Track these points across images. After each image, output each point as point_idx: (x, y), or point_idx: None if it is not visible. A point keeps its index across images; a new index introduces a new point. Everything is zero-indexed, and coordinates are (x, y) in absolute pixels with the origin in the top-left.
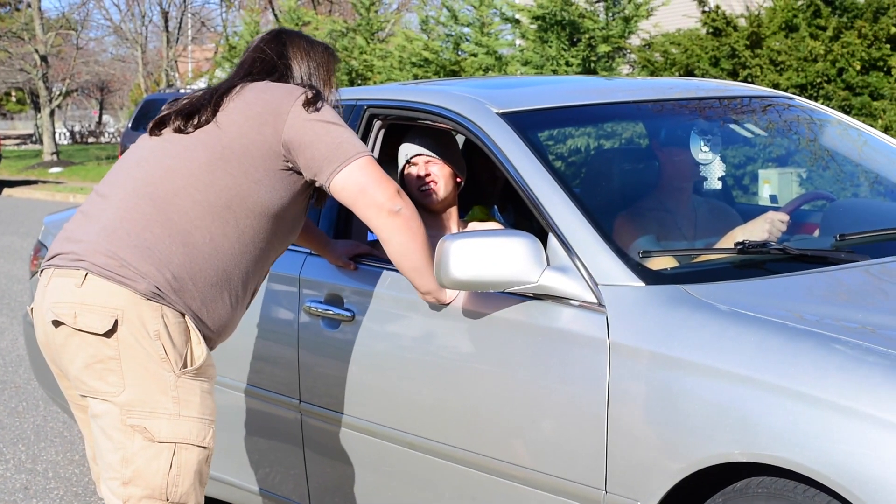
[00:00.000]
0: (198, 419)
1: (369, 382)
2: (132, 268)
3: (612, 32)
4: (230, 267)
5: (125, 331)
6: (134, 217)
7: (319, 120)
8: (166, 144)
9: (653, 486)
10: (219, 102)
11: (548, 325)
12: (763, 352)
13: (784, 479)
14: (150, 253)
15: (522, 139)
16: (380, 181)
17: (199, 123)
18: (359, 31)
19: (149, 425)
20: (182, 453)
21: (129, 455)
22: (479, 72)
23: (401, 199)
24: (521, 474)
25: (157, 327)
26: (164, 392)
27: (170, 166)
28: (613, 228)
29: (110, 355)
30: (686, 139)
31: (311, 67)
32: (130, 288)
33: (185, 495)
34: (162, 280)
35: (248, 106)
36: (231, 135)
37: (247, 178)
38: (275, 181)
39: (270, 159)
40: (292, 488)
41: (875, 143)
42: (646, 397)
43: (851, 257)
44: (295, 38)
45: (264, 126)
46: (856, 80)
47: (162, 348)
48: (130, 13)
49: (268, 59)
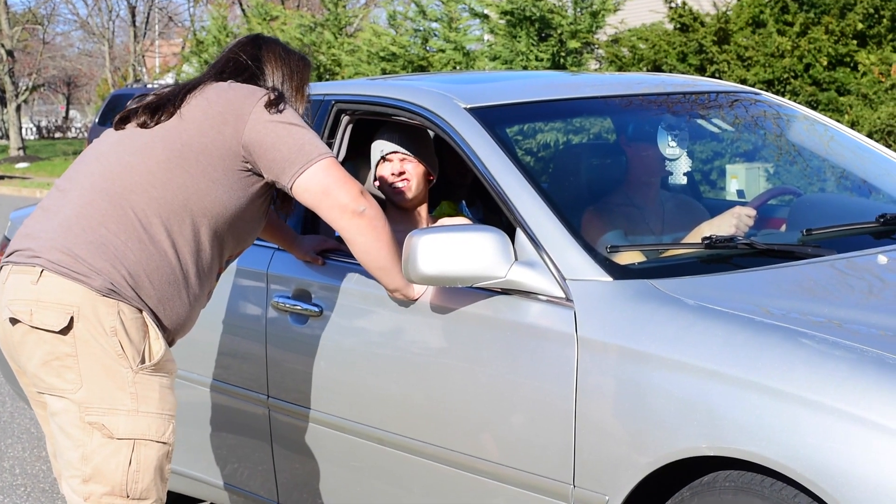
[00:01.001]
0: (157, 415)
1: (338, 378)
2: (87, 264)
3: (581, 27)
4: (187, 265)
5: (81, 327)
6: (90, 213)
7: (281, 121)
8: (127, 140)
9: (621, 481)
10: (183, 99)
11: (516, 319)
12: (730, 346)
13: (751, 473)
14: (104, 249)
15: (490, 134)
16: (343, 182)
17: (160, 119)
18: (327, 25)
19: (107, 422)
20: (141, 449)
21: (88, 452)
22: (447, 67)
23: (365, 199)
24: (490, 469)
25: (114, 324)
26: (121, 388)
27: (128, 162)
28: (581, 223)
29: (67, 352)
30: (654, 134)
31: (285, 74)
32: (85, 284)
33: (145, 491)
34: (117, 276)
35: (210, 104)
36: (191, 132)
37: (204, 177)
38: (233, 181)
39: (229, 159)
40: (261, 484)
41: (842, 138)
42: (614, 392)
43: (818, 252)
44: (271, 44)
45: (224, 126)
46: (823, 75)
47: (118, 344)
48: (97, 8)
49: (241, 61)
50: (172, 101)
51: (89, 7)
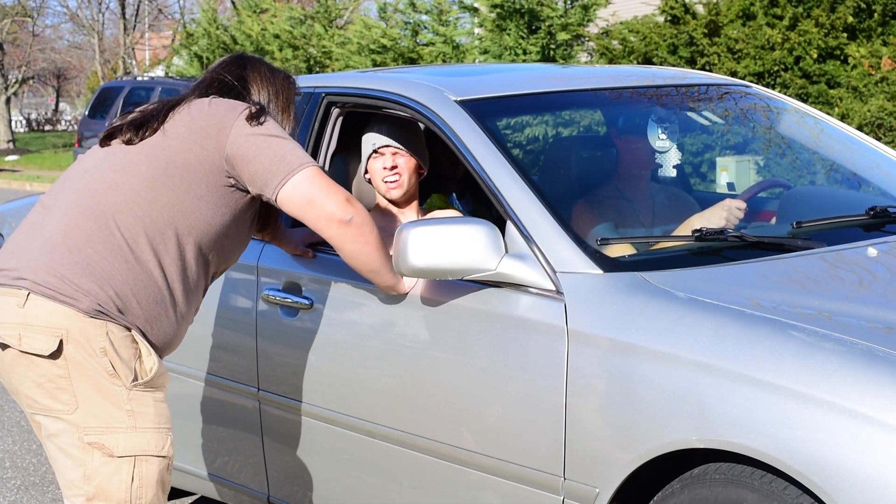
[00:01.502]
0: (154, 430)
1: (328, 370)
2: (73, 285)
3: (571, 20)
4: (174, 284)
5: (72, 349)
6: (76, 233)
7: (262, 134)
8: (112, 157)
9: (611, 473)
10: (167, 115)
11: (506, 312)
12: (720, 339)
13: (741, 465)
14: (91, 270)
15: (481, 127)
16: (328, 191)
17: (145, 135)
18: (317, 18)
19: (106, 441)
20: (143, 465)
21: (89, 472)
22: (437, 60)
23: (351, 206)
24: (480, 462)
25: (103, 344)
26: (117, 406)
27: (113, 181)
28: (571, 216)
29: (59, 374)
30: (644, 127)
31: (270, 94)
32: (73, 307)
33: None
34: (104, 297)
35: (193, 120)
36: (174, 148)
37: (189, 193)
38: (217, 197)
39: (213, 174)
40: (251, 476)
41: (832, 130)
42: (604, 384)
43: (808, 244)
44: (256, 63)
45: (207, 140)
46: (813, 68)
47: (110, 364)
48: (87, 0)
49: (227, 81)
50: (156, 117)
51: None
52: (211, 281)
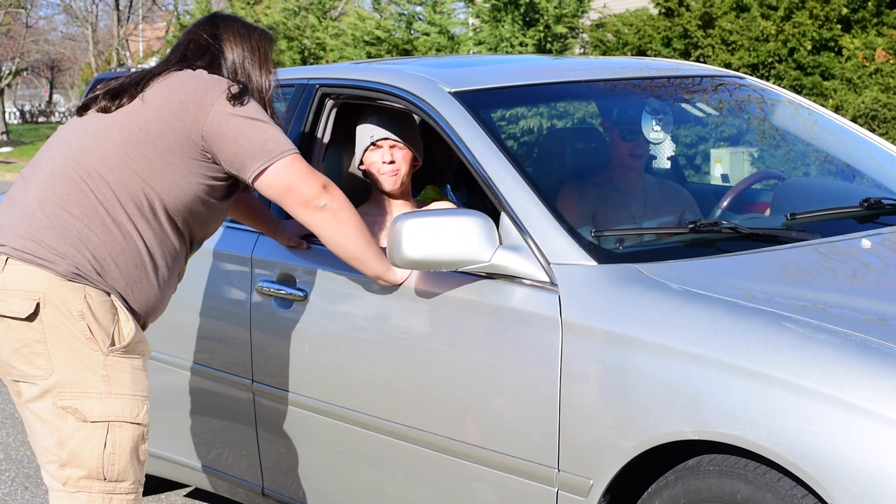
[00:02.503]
0: (129, 396)
1: (322, 362)
2: (50, 249)
3: (566, 12)
4: (153, 248)
5: (48, 313)
6: (51, 198)
7: (244, 115)
8: (86, 124)
9: (605, 465)
10: (145, 85)
11: (500, 304)
12: (714, 330)
13: (735, 457)
14: (67, 233)
15: (475, 118)
16: (305, 178)
17: (121, 103)
18: (311, 9)
19: (80, 406)
20: (116, 431)
21: (63, 437)
22: (431, 51)
23: (327, 193)
24: (475, 453)
25: (81, 307)
26: (93, 371)
27: (87, 146)
28: (565, 207)
29: (36, 339)
30: (638, 119)
31: (246, 50)
32: (50, 270)
33: (122, 473)
34: (82, 260)
35: (172, 91)
36: (149, 116)
37: (162, 160)
38: (192, 167)
39: (187, 146)
40: (246, 468)
41: (826, 122)
42: (598, 376)
43: (802, 236)
44: (230, 21)
45: (185, 114)
46: (807, 59)
47: (87, 328)
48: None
49: (202, 41)
50: (133, 86)
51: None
52: (194, 249)
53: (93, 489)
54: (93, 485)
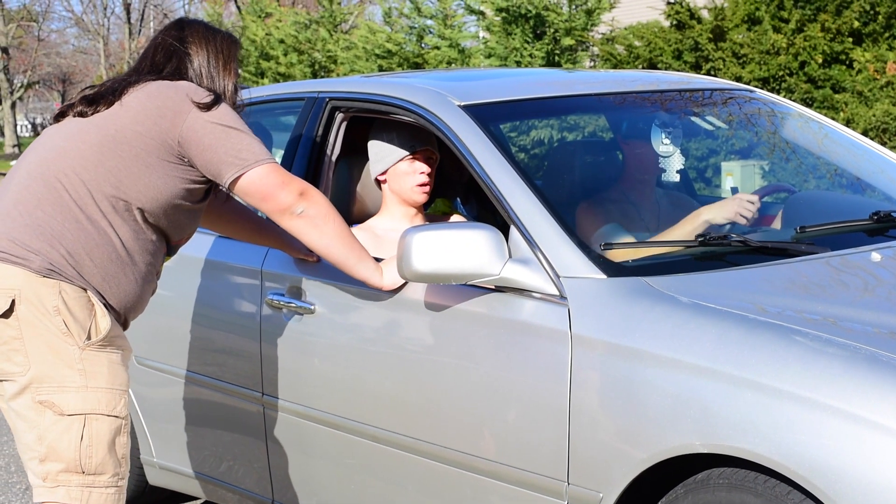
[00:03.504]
0: (107, 389)
1: (332, 375)
2: (24, 246)
3: (575, 25)
4: (129, 244)
5: (24, 309)
6: (26, 197)
7: (220, 123)
8: (63, 128)
9: (615, 478)
10: (122, 92)
11: (510, 317)
12: (724, 343)
13: (745, 470)
14: (41, 230)
15: (484, 132)
16: (281, 186)
17: (98, 109)
18: (322, 22)
19: (57, 399)
20: (93, 424)
21: (41, 431)
22: (442, 64)
23: (304, 199)
24: (484, 466)
25: (56, 303)
26: (69, 366)
27: (62, 147)
28: (575, 221)
29: (12, 335)
30: (648, 131)
31: (210, 53)
32: (24, 267)
33: (100, 465)
34: (56, 256)
35: (149, 98)
36: (125, 120)
37: (137, 161)
38: (168, 169)
39: (163, 150)
40: (255, 481)
41: (836, 135)
42: (607, 389)
43: (812, 249)
44: (195, 25)
45: (161, 119)
46: (818, 73)
47: (63, 323)
48: (92, 5)
49: (169, 46)
50: (112, 93)
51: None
52: (171, 252)
53: (71, 483)
54: (71, 478)
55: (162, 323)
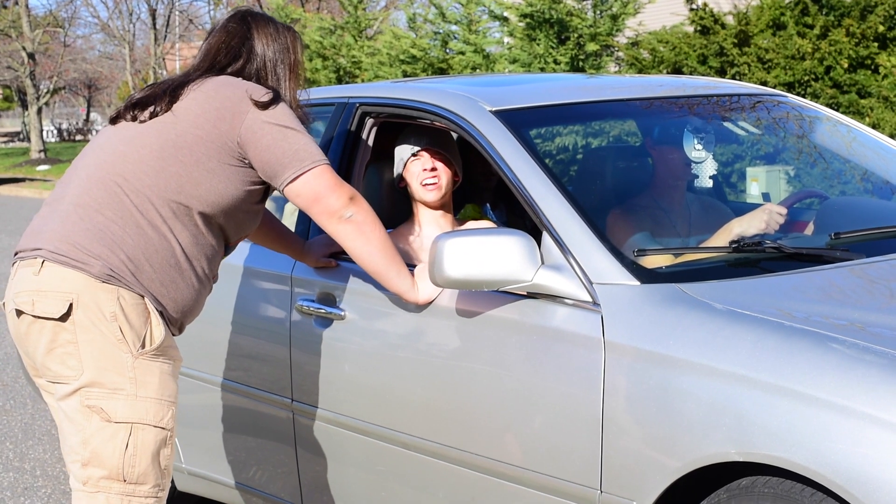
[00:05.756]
0: (155, 400)
1: (362, 381)
2: (85, 250)
3: (600, 30)
4: (189, 249)
5: (81, 314)
6: (87, 202)
7: (277, 123)
8: (122, 132)
9: (648, 486)
10: (179, 93)
11: (542, 323)
12: (759, 350)
13: (791, 482)
14: (102, 235)
15: (516, 137)
16: (334, 188)
17: (154, 112)
18: (347, 28)
19: (105, 406)
20: (139, 433)
21: (87, 436)
22: (467, 70)
23: (353, 205)
24: (516, 474)
25: (113, 309)
26: (120, 373)
27: (122, 152)
28: (607, 226)
29: (68, 339)
30: (679, 137)
31: (276, 51)
32: (84, 271)
33: (142, 476)
34: (116, 261)
35: (208, 99)
36: (185, 125)
37: (199, 166)
38: (229, 172)
39: (224, 153)
40: (285, 487)
41: (865, 139)
42: (641, 396)
43: (847, 256)
44: (261, 20)
45: (220, 122)
46: (843, 78)
47: (118, 329)
48: (118, 10)
49: (233, 42)
50: (165, 95)
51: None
52: (228, 251)
53: (112, 490)
54: (112, 485)
55: (191, 329)
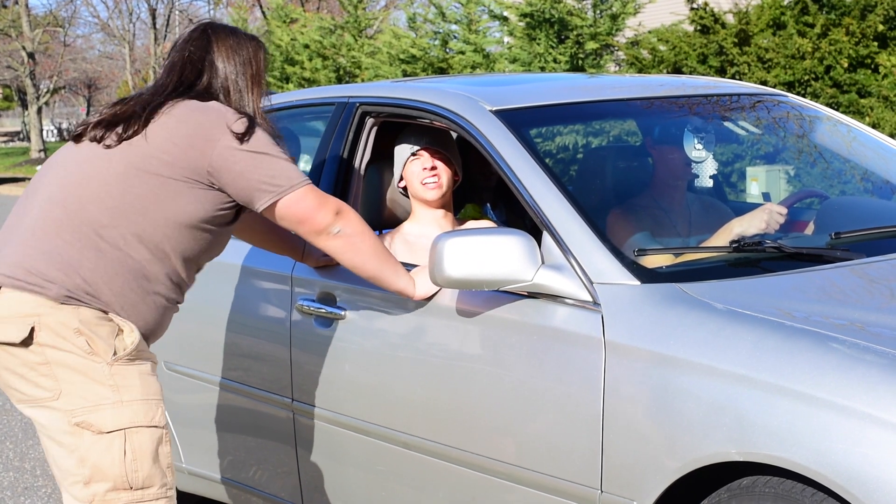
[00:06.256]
0: (141, 401)
1: (362, 381)
2: (41, 275)
3: (600, 30)
4: (151, 272)
5: (45, 336)
6: (45, 224)
7: (250, 150)
8: (86, 152)
9: (649, 486)
10: (148, 116)
11: (542, 323)
12: (759, 350)
13: (792, 481)
14: (59, 259)
15: (516, 137)
16: (317, 208)
17: (122, 135)
18: (347, 28)
19: (93, 419)
20: (133, 437)
21: (82, 454)
22: (467, 69)
23: (340, 219)
24: (516, 473)
25: (76, 325)
26: (100, 383)
27: (85, 172)
28: (607, 226)
29: (37, 361)
30: (679, 136)
31: (238, 63)
32: (41, 295)
33: (147, 479)
34: (72, 284)
35: (178, 125)
36: (153, 148)
37: (164, 189)
38: (197, 195)
39: (192, 178)
40: (285, 487)
41: (864, 138)
42: (641, 396)
43: (847, 255)
44: (221, 32)
45: (191, 149)
46: (843, 77)
47: (86, 343)
48: (118, 10)
49: (195, 59)
50: (136, 117)
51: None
52: (197, 271)
53: (120, 500)
54: (120, 496)
55: (192, 329)
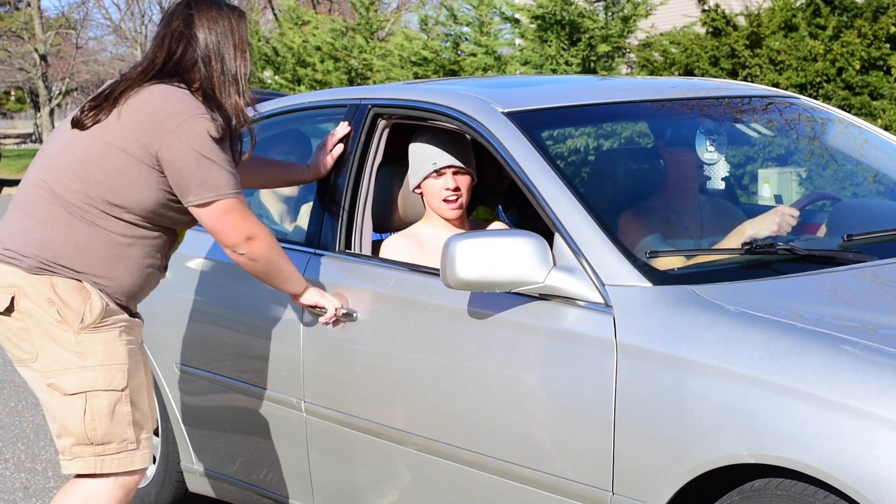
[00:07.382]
0: (103, 367)
1: (374, 383)
2: (16, 250)
3: (612, 32)
4: (124, 241)
5: (24, 303)
6: (23, 204)
7: (195, 149)
8: (64, 135)
9: (660, 488)
10: (121, 97)
11: (554, 325)
12: (771, 353)
13: (804, 484)
14: (32, 237)
15: (528, 139)
16: (231, 227)
17: (97, 118)
18: (358, 30)
19: (60, 382)
20: (93, 400)
21: (53, 411)
22: (478, 71)
23: (248, 245)
24: (528, 475)
25: (49, 295)
26: (67, 350)
27: (57, 157)
28: (619, 228)
29: (19, 327)
30: (691, 139)
31: (219, 34)
32: (17, 266)
33: (106, 436)
34: (44, 258)
35: (137, 110)
36: (113, 133)
37: (120, 177)
38: (151, 182)
39: (145, 163)
40: (296, 489)
41: (877, 140)
42: (653, 398)
43: (859, 258)
44: (203, 4)
45: (143, 134)
46: (855, 79)
47: (56, 312)
48: (130, 12)
49: (177, 32)
50: (112, 98)
51: (122, 12)
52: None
53: (84, 454)
54: (83, 450)
55: (203, 330)
